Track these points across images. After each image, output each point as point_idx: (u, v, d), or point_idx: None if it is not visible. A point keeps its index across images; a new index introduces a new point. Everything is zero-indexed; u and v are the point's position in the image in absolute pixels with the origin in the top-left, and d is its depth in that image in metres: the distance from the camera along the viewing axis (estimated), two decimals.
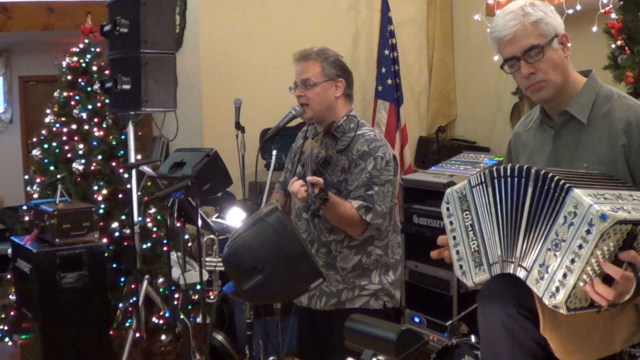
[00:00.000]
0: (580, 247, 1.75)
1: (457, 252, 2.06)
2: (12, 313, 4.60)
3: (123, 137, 4.70)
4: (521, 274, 1.89)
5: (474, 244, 2.01)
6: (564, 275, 1.77)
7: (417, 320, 4.66)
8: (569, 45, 2.15)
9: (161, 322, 4.56)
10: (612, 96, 2.12)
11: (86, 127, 4.78)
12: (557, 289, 1.78)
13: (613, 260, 1.77)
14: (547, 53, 2.07)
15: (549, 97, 2.13)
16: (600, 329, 1.98)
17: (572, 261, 1.76)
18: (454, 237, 2.06)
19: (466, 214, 2.03)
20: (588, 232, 1.74)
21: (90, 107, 4.80)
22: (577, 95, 2.13)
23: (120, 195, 4.72)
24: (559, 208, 1.81)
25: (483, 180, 1.99)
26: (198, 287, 3.67)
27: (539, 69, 2.08)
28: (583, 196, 1.77)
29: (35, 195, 4.79)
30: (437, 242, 2.16)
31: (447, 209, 2.07)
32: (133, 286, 4.24)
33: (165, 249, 3.69)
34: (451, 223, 2.06)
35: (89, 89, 4.87)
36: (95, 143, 4.74)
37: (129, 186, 4.34)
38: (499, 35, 2.11)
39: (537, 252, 1.86)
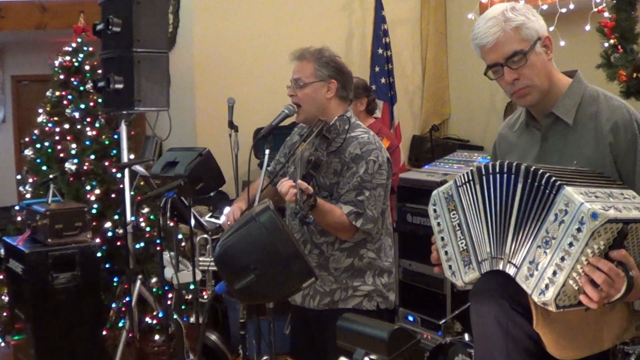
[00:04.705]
0: (570, 245, 1.75)
1: (446, 252, 2.06)
2: (4, 314, 4.58)
3: (116, 136, 4.68)
4: (511, 270, 1.89)
5: (462, 243, 2.01)
6: (554, 273, 1.77)
7: (411, 318, 4.66)
8: (552, 47, 2.13)
9: (154, 322, 4.55)
10: (599, 97, 2.11)
11: (79, 126, 4.77)
12: (547, 287, 1.78)
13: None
14: (530, 58, 2.05)
15: (535, 102, 2.12)
16: (593, 325, 1.98)
17: (562, 259, 1.76)
18: (442, 238, 2.06)
19: (453, 214, 2.03)
20: (579, 230, 1.73)
21: (82, 106, 4.78)
22: (563, 96, 2.11)
23: (113, 195, 4.71)
24: (550, 206, 1.81)
25: (470, 179, 1.99)
26: (191, 286, 3.66)
27: (523, 74, 2.06)
28: (574, 194, 1.76)
29: (28, 195, 4.77)
30: (431, 241, 2.16)
31: (434, 210, 2.07)
32: (126, 286, 4.23)
33: (158, 248, 3.67)
34: (439, 224, 2.06)
35: (81, 88, 4.85)
36: (87, 142, 4.73)
37: (121, 186, 4.33)
38: (481, 42, 2.09)
39: (527, 249, 1.86)
